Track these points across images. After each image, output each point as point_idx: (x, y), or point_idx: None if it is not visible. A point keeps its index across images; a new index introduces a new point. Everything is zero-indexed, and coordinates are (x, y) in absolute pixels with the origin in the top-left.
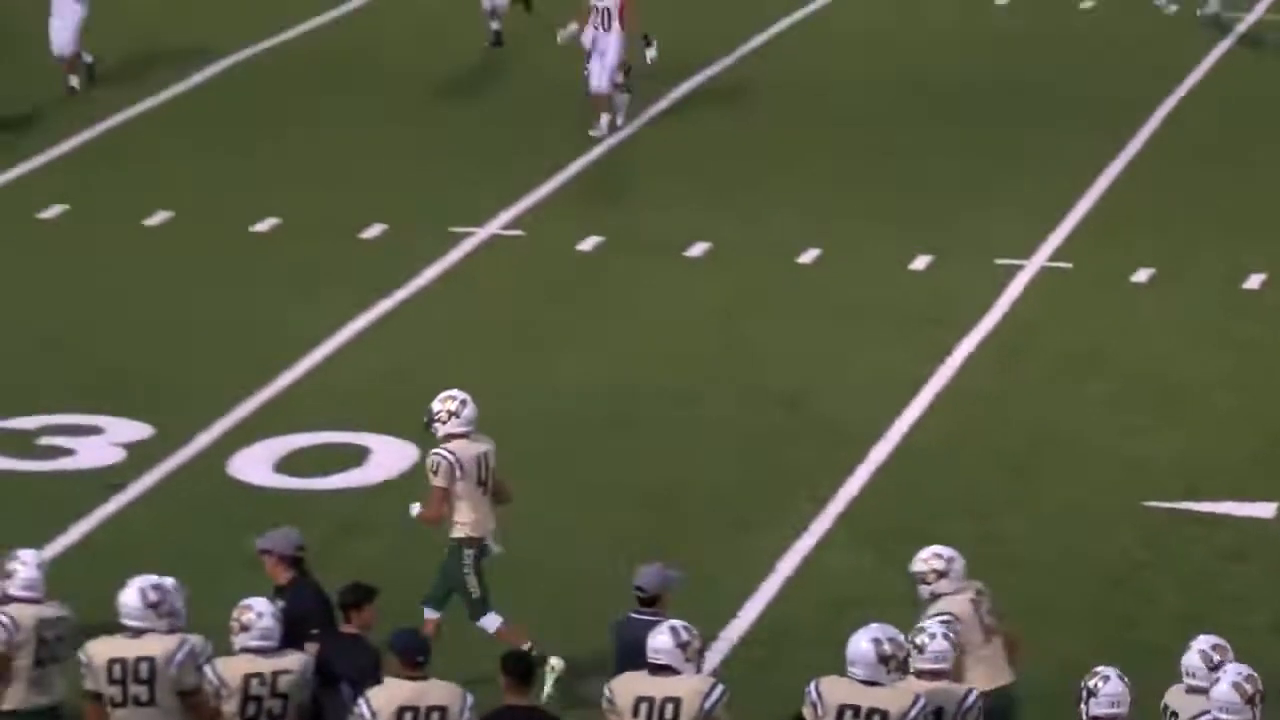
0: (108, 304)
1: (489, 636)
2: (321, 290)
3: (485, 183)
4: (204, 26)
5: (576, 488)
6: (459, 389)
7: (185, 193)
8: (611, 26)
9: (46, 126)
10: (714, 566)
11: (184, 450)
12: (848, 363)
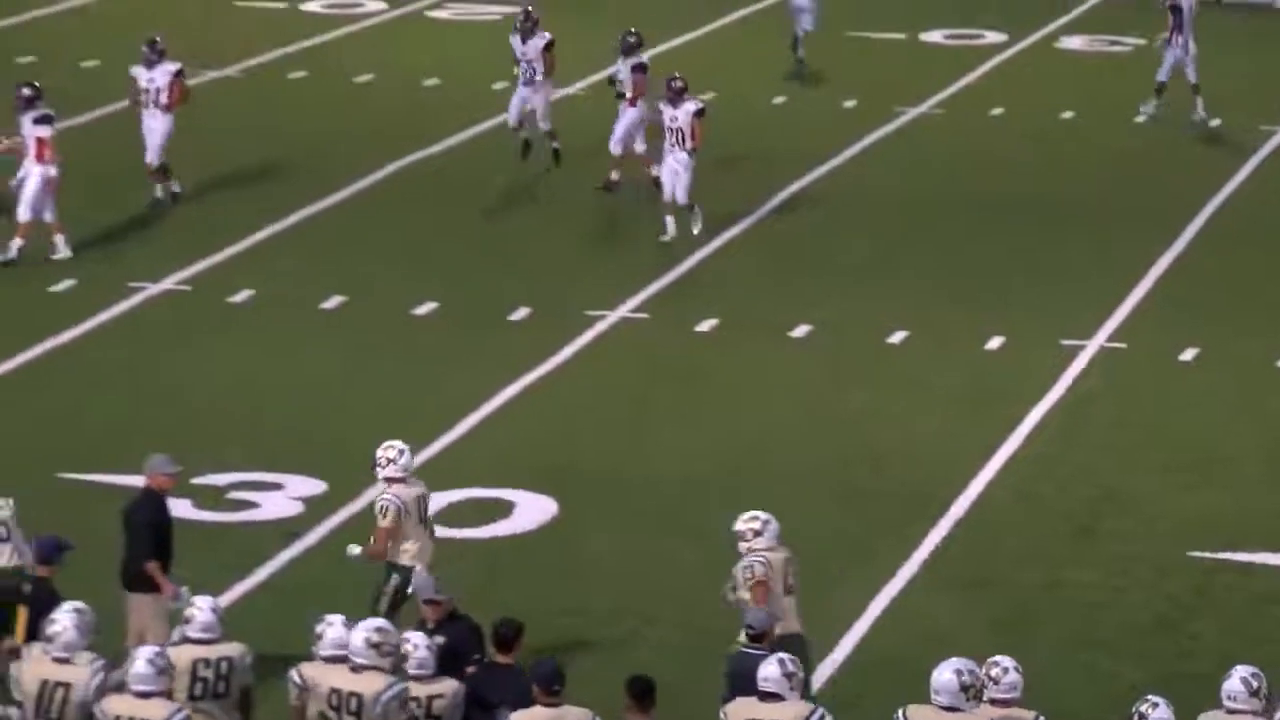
0: (289, 377)
1: None
2: (475, 364)
3: (614, 273)
4: (367, 130)
5: (691, 536)
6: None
7: (355, 279)
8: (686, 144)
9: (235, 221)
10: (812, 609)
11: (353, 503)
12: (930, 430)
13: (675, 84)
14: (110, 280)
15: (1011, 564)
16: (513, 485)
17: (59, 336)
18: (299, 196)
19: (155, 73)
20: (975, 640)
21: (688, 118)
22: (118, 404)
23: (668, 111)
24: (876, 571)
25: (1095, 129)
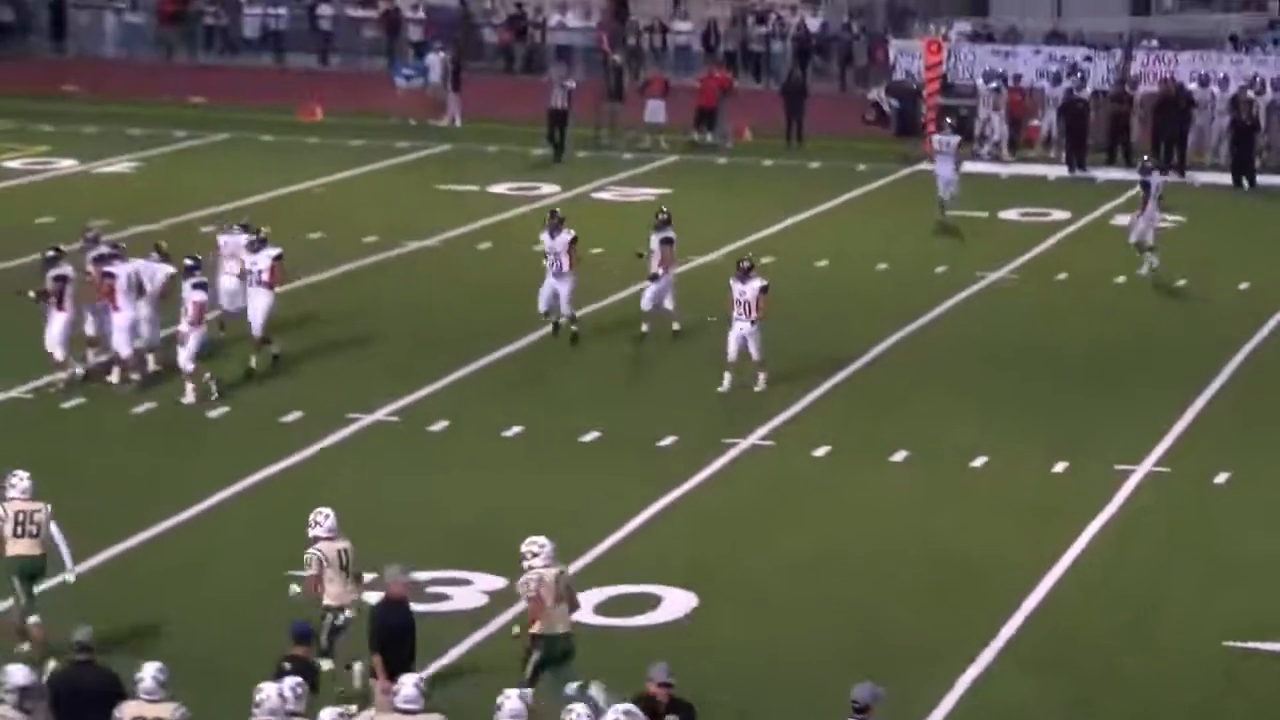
0: (477, 492)
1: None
2: (629, 482)
3: (744, 408)
4: None
5: (805, 621)
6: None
7: (531, 412)
8: (750, 314)
9: (435, 363)
10: (905, 687)
11: None
12: (1005, 538)
13: (743, 264)
14: (332, 412)
15: (1076, 652)
16: (660, 582)
17: (288, 459)
18: (486, 344)
19: (258, 256)
20: (1051, 711)
21: (754, 293)
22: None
23: (736, 286)
24: (960, 656)
25: (1144, 289)
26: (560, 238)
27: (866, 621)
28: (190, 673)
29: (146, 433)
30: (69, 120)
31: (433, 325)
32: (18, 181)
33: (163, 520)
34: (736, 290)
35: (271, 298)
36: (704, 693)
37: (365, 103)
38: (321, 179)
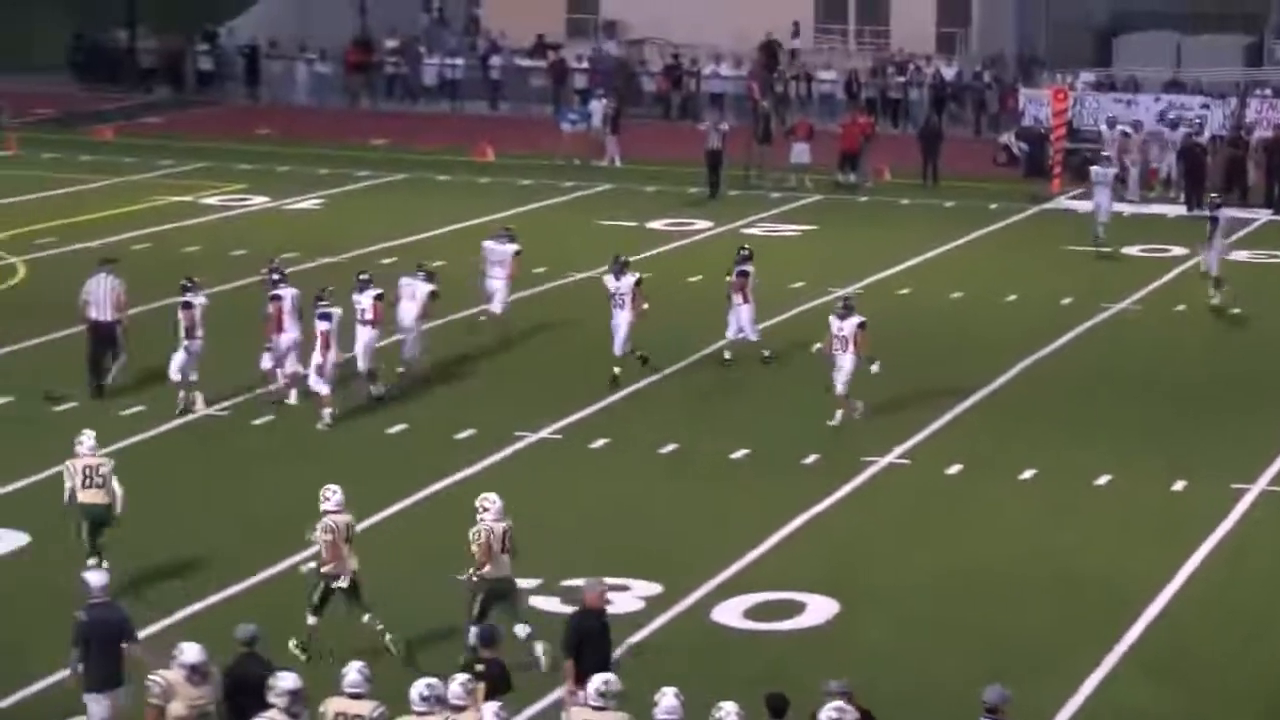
0: (634, 504)
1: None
2: (775, 497)
3: (883, 429)
4: (700, 322)
5: (938, 627)
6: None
7: (689, 434)
8: (848, 349)
9: (586, 385)
10: (1033, 689)
11: (683, 601)
12: (1126, 553)
13: (843, 304)
14: (502, 430)
15: (1191, 666)
16: (804, 590)
17: (461, 473)
18: (643, 367)
19: (362, 296)
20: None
21: (852, 329)
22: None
23: (835, 323)
24: (1084, 663)
25: (1257, 319)
26: (625, 280)
27: (995, 628)
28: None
29: (330, 448)
30: (262, 160)
31: (595, 350)
32: (216, 217)
33: None
34: (835, 326)
35: (374, 334)
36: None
37: (533, 145)
38: (492, 215)
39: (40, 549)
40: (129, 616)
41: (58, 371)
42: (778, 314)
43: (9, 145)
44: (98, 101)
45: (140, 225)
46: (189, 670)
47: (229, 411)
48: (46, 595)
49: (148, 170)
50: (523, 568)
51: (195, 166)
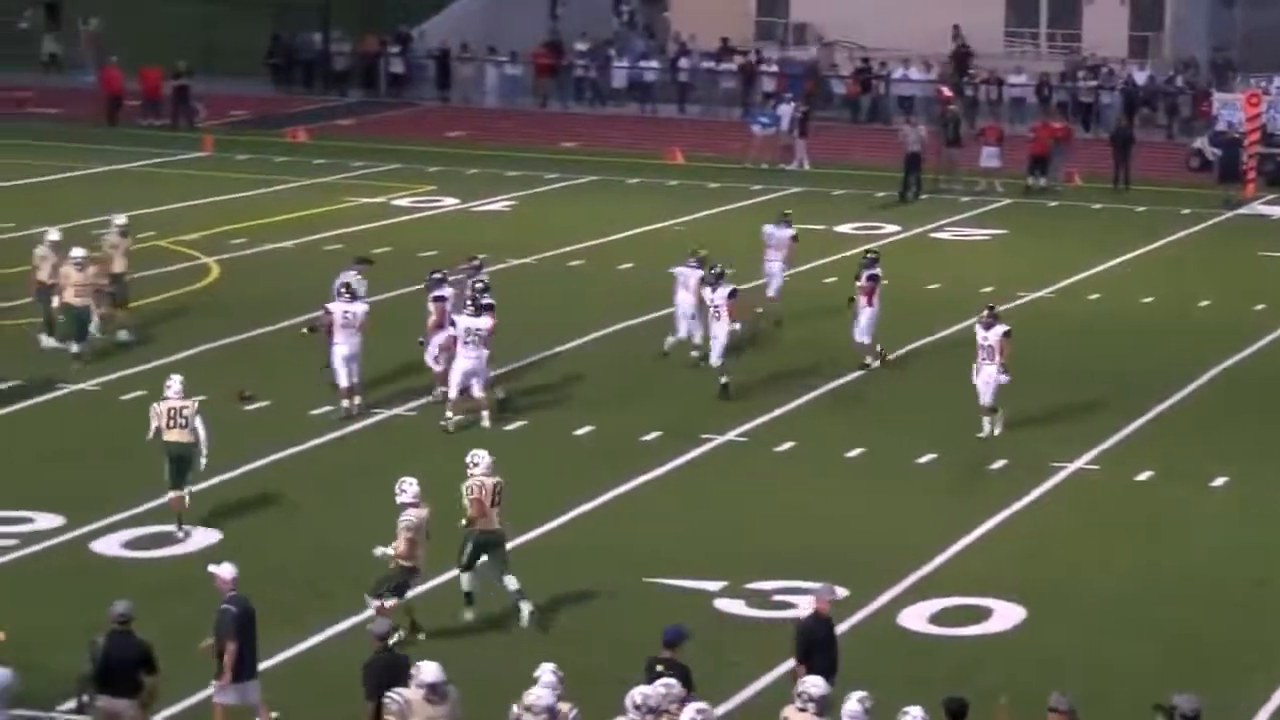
0: (820, 507)
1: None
2: (962, 503)
3: (1072, 434)
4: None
5: (1126, 633)
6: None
7: (870, 437)
8: (995, 359)
9: (779, 391)
10: (1223, 696)
11: (870, 604)
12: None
13: (989, 312)
14: (688, 432)
15: None
16: (991, 595)
17: (645, 475)
18: (831, 370)
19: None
20: None
21: (998, 338)
22: (684, 525)
23: (981, 332)
24: (1276, 669)
25: None
26: (720, 290)
27: (1185, 635)
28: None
29: (516, 448)
30: (452, 162)
31: (783, 353)
32: (407, 218)
33: (530, 530)
34: (981, 336)
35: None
36: (1030, 702)
37: (721, 148)
38: (681, 218)
39: (231, 547)
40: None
41: (249, 371)
42: (966, 319)
43: (205, 146)
44: (292, 104)
45: (332, 226)
46: (428, 689)
47: (416, 412)
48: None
49: (340, 172)
50: (708, 569)
51: (386, 168)
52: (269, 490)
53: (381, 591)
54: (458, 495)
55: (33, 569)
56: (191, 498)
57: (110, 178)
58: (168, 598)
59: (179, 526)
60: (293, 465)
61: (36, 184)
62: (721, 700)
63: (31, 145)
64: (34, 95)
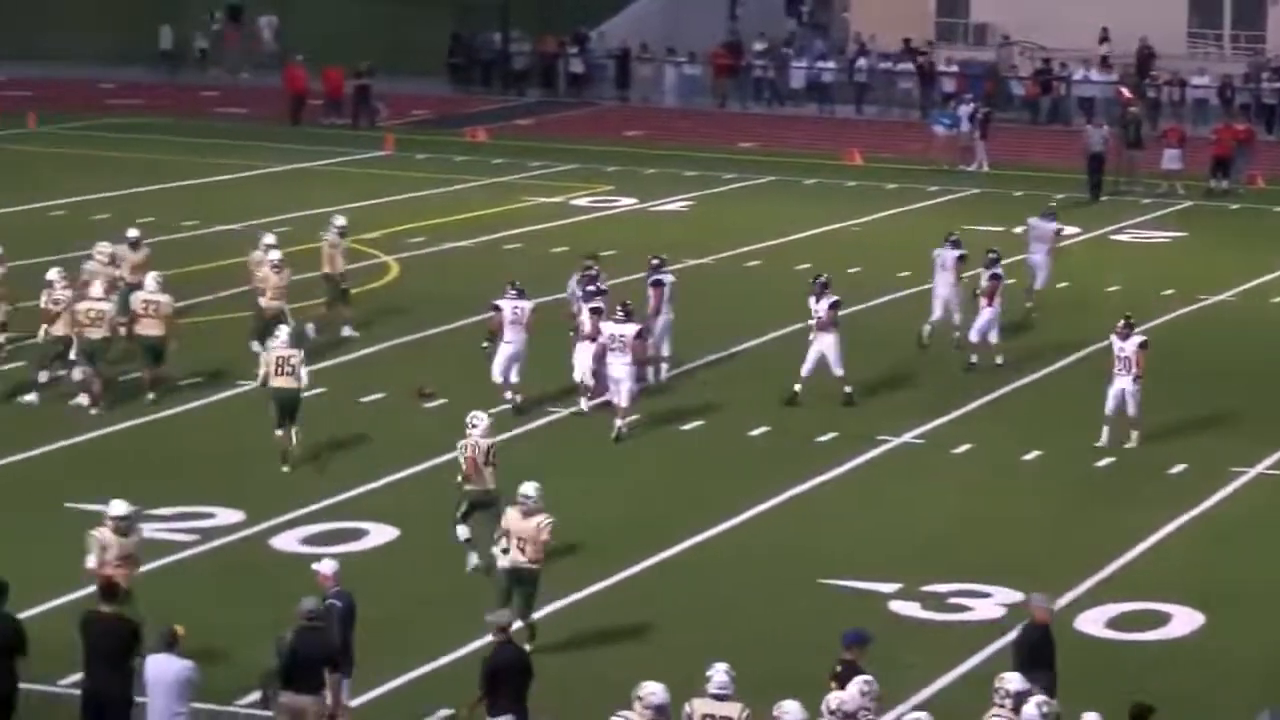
0: (999, 510)
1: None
2: (1142, 506)
3: (1252, 436)
4: (1067, 328)
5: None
6: None
7: (1048, 438)
8: (1130, 370)
9: (962, 384)
10: None
11: None
12: None
13: (1125, 323)
14: (864, 433)
15: None
16: (1169, 600)
17: (818, 477)
18: (1008, 374)
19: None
20: None
21: (1134, 349)
22: (859, 527)
23: (1117, 343)
24: None
25: None
26: (824, 301)
27: None
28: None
29: (691, 448)
30: (630, 162)
31: (959, 357)
32: (584, 217)
33: (704, 530)
34: (1117, 347)
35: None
36: (1210, 709)
37: (900, 149)
38: (859, 219)
39: (408, 543)
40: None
41: (428, 369)
42: (1148, 320)
43: (386, 145)
44: (471, 103)
45: (511, 226)
46: (654, 712)
47: (589, 411)
48: (413, 588)
49: (518, 171)
50: (883, 571)
51: (565, 168)
52: (447, 487)
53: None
54: (627, 501)
55: (213, 564)
56: (298, 439)
57: (292, 177)
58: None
59: (284, 462)
60: None
61: (220, 182)
62: (896, 703)
63: (217, 144)
64: (220, 94)
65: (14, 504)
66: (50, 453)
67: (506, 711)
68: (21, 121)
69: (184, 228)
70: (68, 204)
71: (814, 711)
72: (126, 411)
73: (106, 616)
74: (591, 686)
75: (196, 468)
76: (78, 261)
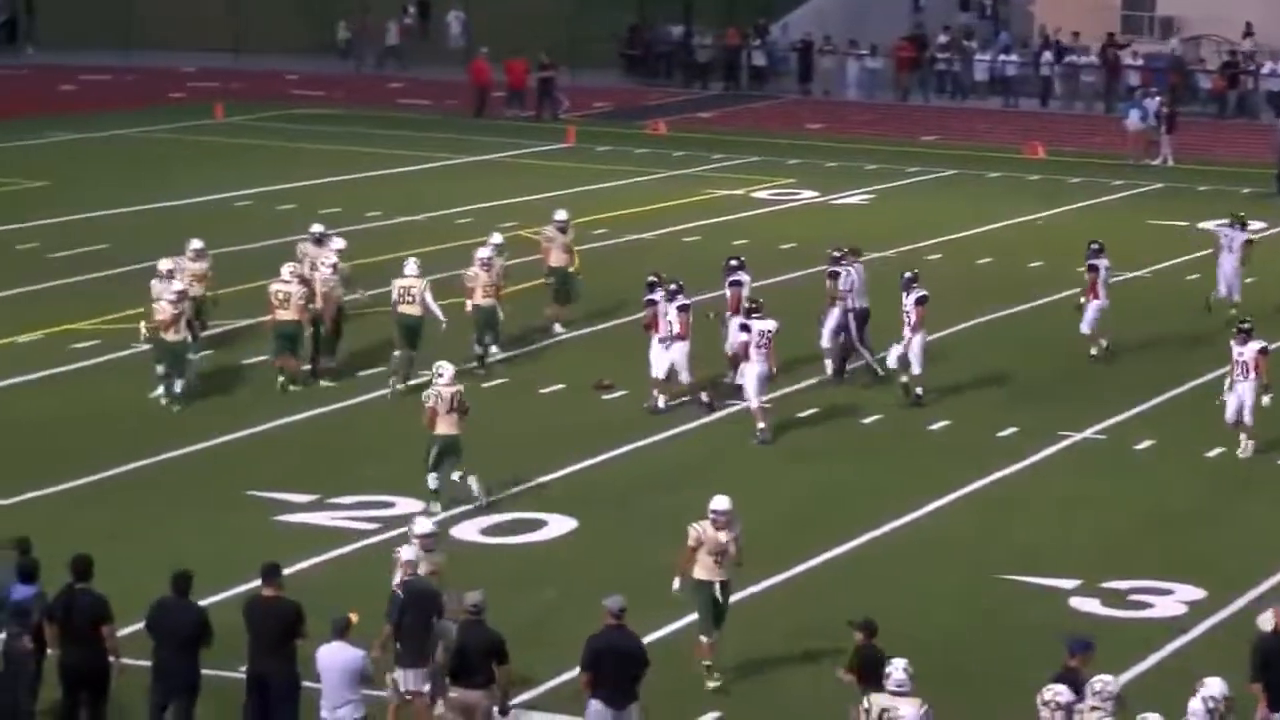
0: (1182, 504)
1: None
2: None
3: None
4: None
5: None
6: None
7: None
8: (1249, 376)
9: (1143, 381)
10: None
11: (1226, 608)
12: None
13: (1241, 327)
14: (1045, 429)
15: None
16: None
17: (998, 473)
18: (1191, 367)
19: (909, 300)
20: None
21: (1252, 354)
22: (1039, 522)
23: (1236, 348)
24: None
25: None
26: (911, 296)
27: None
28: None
29: (872, 442)
30: (811, 155)
31: (1141, 351)
32: (766, 210)
33: (882, 525)
34: (1235, 351)
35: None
36: None
37: (1084, 142)
38: (1042, 212)
39: (587, 534)
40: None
41: (608, 361)
42: None
43: (568, 138)
44: (652, 95)
45: (691, 218)
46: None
47: (770, 404)
48: (592, 578)
49: (699, 164)
50: (1063, 567)
51: (746, 160)
52: (626, 479)
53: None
54: (805, 494)
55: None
56: (413, 364)
57: (475, 169)
58: (523, 585)
59: (393, 384)
60: (650, 454)
61: (403, 174)
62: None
63: (400, 135)
64: (404, 86)
65: (197, 492)
66: (233, 441)
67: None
68: (209, 112)
69: (368, 219)
70: (253, 194)
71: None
72: (308, 400)
73: (269, 600)
74: (765, 685)
75: (377, 457)
76: (264, 252)
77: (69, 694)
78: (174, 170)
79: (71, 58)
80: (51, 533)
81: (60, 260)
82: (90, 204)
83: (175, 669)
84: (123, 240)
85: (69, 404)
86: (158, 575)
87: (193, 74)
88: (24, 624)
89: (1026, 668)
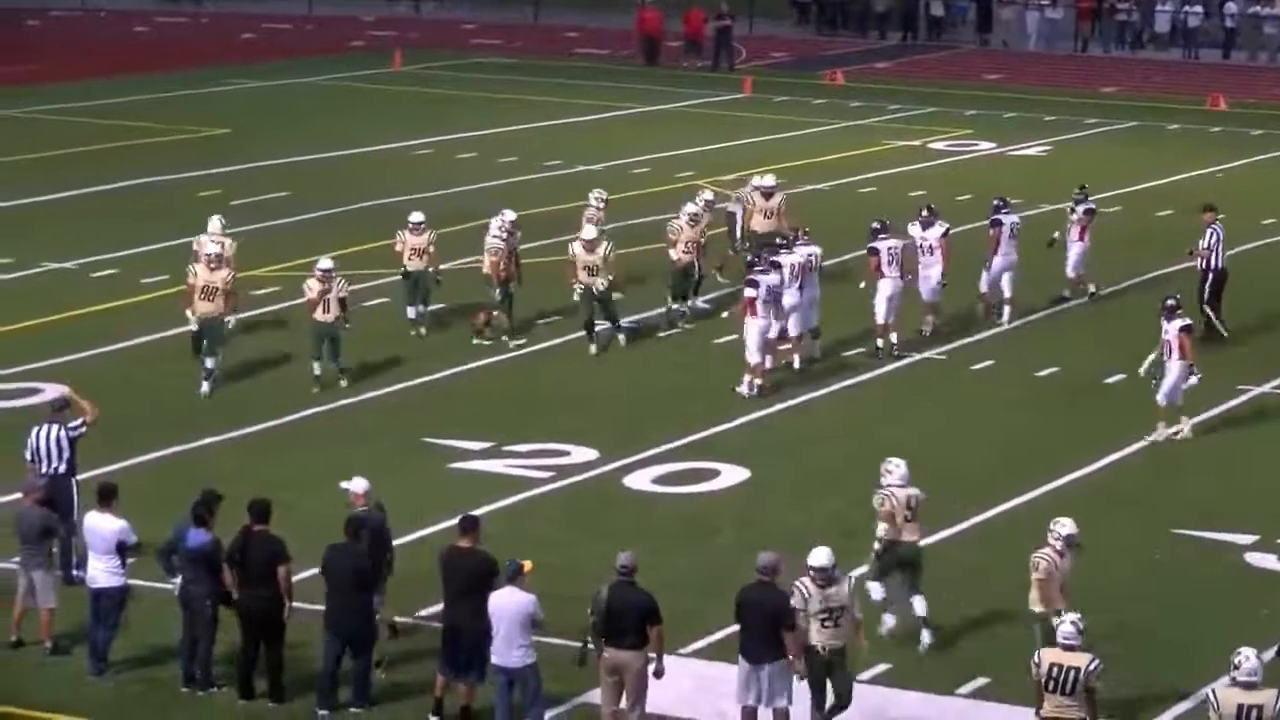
0: None
1: None
2: None
3: None
4: None
5: None
6: None
7: None
8: (1173, 356)
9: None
10: None
11: None
12: None
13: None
14: (1224, 384)
15: None
16: None
17: (1183, 423)
18: None
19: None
20: None
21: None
22: (1216, 478)
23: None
24: None
25: None
26: (932, 230)
27: None
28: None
29: (1049, 395)
30: (990, 105)
31: None
32: (942, 161)
33: (1056, 478)
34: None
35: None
36: None
37: (1266, 94)
38: (1222, 165)
39: (759, 485)
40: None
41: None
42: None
43: (744, 88)
44: (829, 46)
45: (867, 169)
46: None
47: (945, 355)
48: (765, 527)
49: (876, 115)
50: (1240, 523)
51: (923, 111)
52: (798, 429)
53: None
54: (980, 446)
55: (567, 501)
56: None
57: (652, 118)
58: (696, 533)
59: (476, 335)
60: (822, 405)
61: (581, 123)
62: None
63: (577, 85)
64: (581, 35)
65: (375, 438)
66: (411, 388)
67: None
68: (388, 60)
69: (546, 167)
70: (432, 143)
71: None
72: (488, 349)
73: (464, 551)
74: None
75: (553, 406)
76: (435, 201)
77: (247, 635)
78: (353, 119)
79: (253, 6)
80: (236, 479)
81: (242, 208)
82: (271, 152)
83: (343, 612)
84: (304, 188)
85: (243, 352)
86: (336, 522)
87: (372, 23)
88: (199, 570)
89: (1199, 623)
